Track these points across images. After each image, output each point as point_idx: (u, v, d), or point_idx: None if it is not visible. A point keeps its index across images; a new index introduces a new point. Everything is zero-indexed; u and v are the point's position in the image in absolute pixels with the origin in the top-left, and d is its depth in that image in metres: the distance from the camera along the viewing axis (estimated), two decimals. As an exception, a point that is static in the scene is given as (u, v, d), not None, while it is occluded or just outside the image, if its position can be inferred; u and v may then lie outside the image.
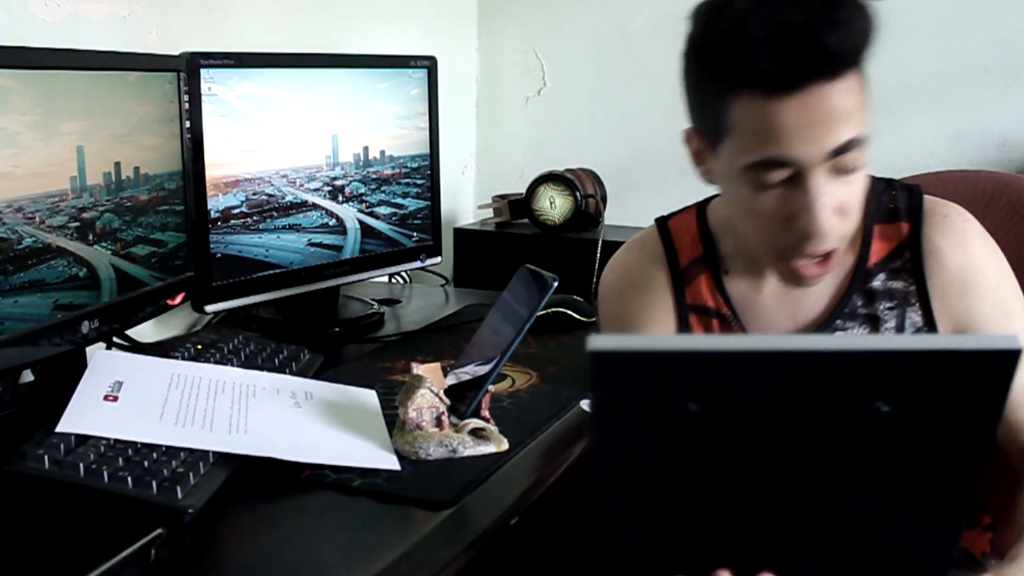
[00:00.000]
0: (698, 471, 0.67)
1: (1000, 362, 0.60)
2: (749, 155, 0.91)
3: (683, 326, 1.12)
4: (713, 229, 1.15)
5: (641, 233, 1.20)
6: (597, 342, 0.58)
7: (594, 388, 0.61)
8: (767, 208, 0.94)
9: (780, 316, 1.11)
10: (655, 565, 0.73)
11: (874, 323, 1.09)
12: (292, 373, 1.22)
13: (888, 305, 1.09)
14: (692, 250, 1.14)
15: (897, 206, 1.10)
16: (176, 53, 1.32)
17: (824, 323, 1.09)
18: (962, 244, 1.07)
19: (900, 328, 1.08)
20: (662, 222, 1.18)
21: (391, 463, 1.00)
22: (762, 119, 0.89)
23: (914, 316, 1.08)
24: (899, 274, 1.09)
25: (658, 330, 1.13)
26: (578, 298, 1.60)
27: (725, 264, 1.13)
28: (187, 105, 1.31)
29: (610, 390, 0.61)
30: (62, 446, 0.89)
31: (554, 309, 1.53)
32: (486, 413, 1.09)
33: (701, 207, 1.18)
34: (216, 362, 1.18)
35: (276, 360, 1.23)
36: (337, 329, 1.54)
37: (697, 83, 0.97)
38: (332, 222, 1.55)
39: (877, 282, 1.09)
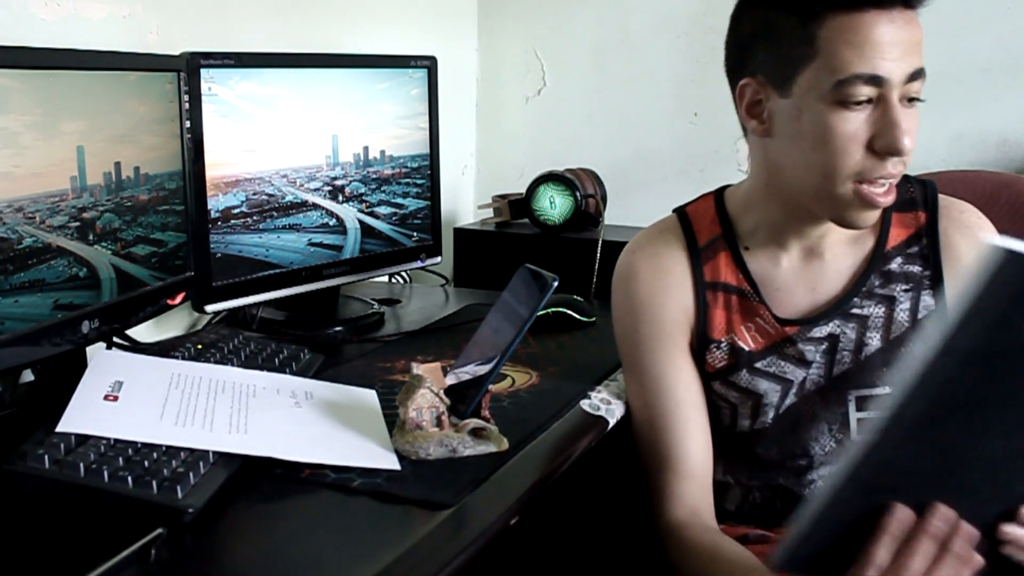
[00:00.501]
0: (990, 397, 0.71)
1: None
2: (839, 72, 0.98)
3: (700, 303, 1.16)
4: (731, 211, 1.19)
5: (659, 220, 1.24)
6: (998, 240, 0.64)
7: (981, 286, 0.65)
8: (849, 129, 1.00)
9: (799, 291, 1.15)
10: (889, 487, 0.78)
11: (890, 303, 1.14)
12: (292, 373, 1.22)
13: (904, 287, 1.14)
14: (711, 230, 1.19)
15: (914, 197, 1.16)
16: (176, 53, 1.32)
17: (843, 299, 1.14)
18: (976, 241, 1.12)
19: (914, 310, 1.13)
20: (680, 209, 1.23)
21: (391, 463, 1.00)
22: (857, 33, 0.98)
23: (927, 299, 1.13)
24: (915, 259, 1.14)
25: (674, 308, 1.16)
26: (578, 298, 1.60)
27: (744, 242, 1.17)
28: (187, 105, 1.31)
29: (992, 291, 0.65)
30: (62, 446, 0.89)
31: (554, 309, 1.54)
32: (486, 413, 1.09)
33: (717, 194, 1.22)
34: (216, 362, 1.18)
35: (276, 360, 1.23)
36: (337, 329, 1.54)
37: (768, 22, 1.04)
38: (332, 222, 1.55)
39: (894, 265, 1.14)
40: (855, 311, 1.13)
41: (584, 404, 1.21)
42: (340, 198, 1.56)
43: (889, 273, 1.14)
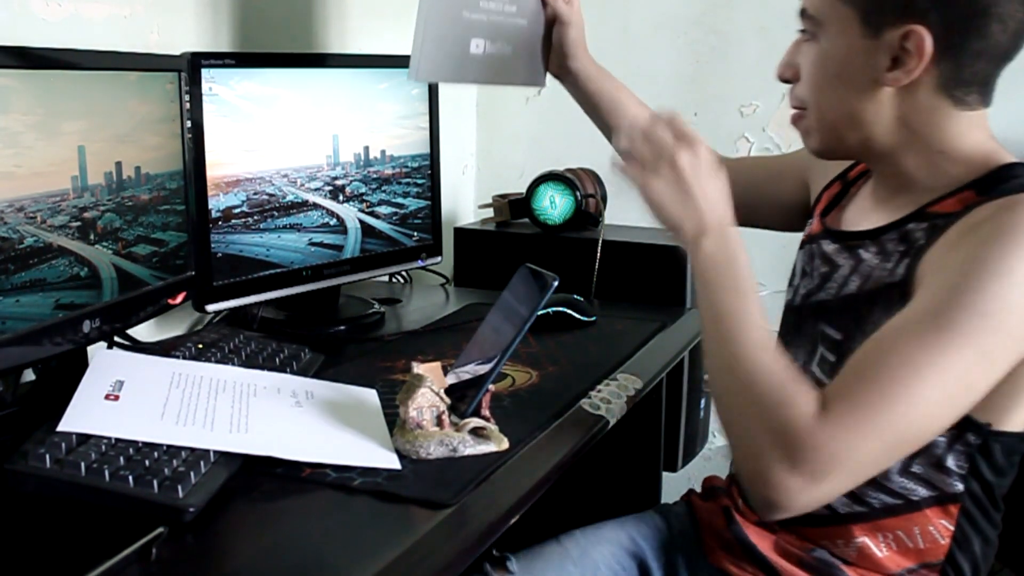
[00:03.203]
0: None
1: None
2: None
3: (828, 184, 1.26)
4: None
5: None
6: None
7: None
8: None
9: (855, 208, 1.18)
10: None
11: (884, 256, 1.06)
12: (293, 372, 1.22)
13: (900, 248, 1.05)
14: None
15: (1005, 185, 1.02)
16: (177, 53, 1.32)
17: (858, 234, 1.12)
18: (980, 234, 0.95)
19: (884, 272, 1.05)
20: None
21: (391, 462, 1.00)
22: None
23: (898, 270, 1.03)
24: (928, 231, 1.02)
25: (818, 179, 1.28)
26: (578, 297, 1.60)
27: None
28: (188, 105, 1.31)
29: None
30: (63, 445, 0.90)
31: (554, 308, 1.54)
32: (486, 412, 1.09)
33: None
34: (217, 361, 1.18)
35: (277, 359, 1.24)
36: (338, 328, 1.54)
37: None
38: (333, 222, 1.55)
39: (917, 226, 1.04)
40: (860, 251, 1.09)
41: (584, 404, 1.21)
42: (341, 198, 1.56)
43: (907, 232, 1.05)
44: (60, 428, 0.91)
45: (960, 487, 1.03)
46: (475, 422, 1.05)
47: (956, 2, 0.97)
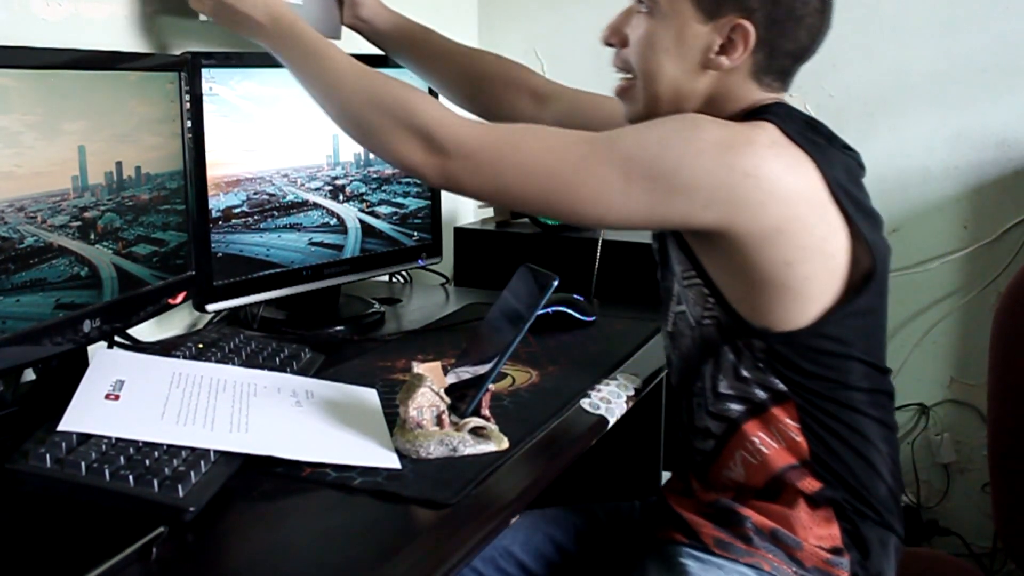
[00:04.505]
0: None
1: None
2: None
3: None
4: None
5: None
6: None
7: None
8: None
9: None
10: None
11: None
12: (293, 372, 1.22)
13: None
14: None
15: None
16: (177, 53, 1.32)
17: None
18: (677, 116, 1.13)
19: None
20: None
21: (392, 462, 1.00)
22: None
23: None
24: None
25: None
26: (578, 297, 1.60)
27: None
28: (188, 105, 1.31)
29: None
30: (64, 445, 0.90)
31: (554, 308, 1.54)
32: (486, 412, 1.09)
33: None
34: (217, 361, 1.19)
35: (277, 359, 1.24)
36: (338, 328, 1.54)
37: None
38: (333, 221, 1.55)
39: None
40: None
41: (584, 403, 1.22)
42: (341, 197, 1.56)
43: None
44: (60, 428, 0.92)
45: (783, 387, 1.12)
46: (475, 422, 1.05)
47: (779, 7, 1.09)
